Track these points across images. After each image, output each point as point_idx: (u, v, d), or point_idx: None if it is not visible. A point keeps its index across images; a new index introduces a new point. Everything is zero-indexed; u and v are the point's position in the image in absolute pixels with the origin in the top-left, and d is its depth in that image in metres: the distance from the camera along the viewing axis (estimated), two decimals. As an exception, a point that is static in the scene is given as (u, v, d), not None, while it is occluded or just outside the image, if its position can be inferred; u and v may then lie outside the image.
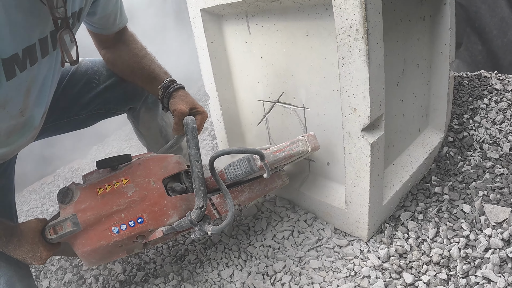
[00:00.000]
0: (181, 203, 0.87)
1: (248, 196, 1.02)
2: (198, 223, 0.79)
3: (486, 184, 1.14)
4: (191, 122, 0.83)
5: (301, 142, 0.96)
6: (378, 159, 0.96)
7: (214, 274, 1.09)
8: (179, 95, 0.97)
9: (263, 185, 1.05)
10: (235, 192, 1.00)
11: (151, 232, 0.84)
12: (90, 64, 1.08)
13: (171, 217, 0.85)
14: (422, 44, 1.22)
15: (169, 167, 0.90)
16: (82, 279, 1.24)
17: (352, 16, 0.81)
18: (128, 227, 0.81)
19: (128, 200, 0.82)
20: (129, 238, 0.82)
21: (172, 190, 0.90)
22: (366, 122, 0.89)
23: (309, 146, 0.96)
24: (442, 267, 0.96)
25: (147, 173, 0.86)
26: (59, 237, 0.80)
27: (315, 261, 1.03)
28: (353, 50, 0.84)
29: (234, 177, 0.91)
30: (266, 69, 1.16)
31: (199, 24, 1.21)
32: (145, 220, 0.82)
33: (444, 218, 1.08)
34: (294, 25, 1.02)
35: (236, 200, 0.99)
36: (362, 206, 1.00)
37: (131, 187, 0.83)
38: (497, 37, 1.76)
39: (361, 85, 0.86)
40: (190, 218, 0.78)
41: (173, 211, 0.85)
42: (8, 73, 0.64)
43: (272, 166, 0.94)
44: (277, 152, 0.93)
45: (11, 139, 0.80)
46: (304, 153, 0.96)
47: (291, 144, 0.95)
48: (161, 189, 0.86)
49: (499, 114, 1.34)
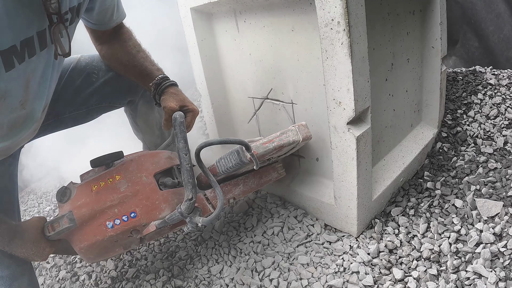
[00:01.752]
0: (172, 197, 0.89)
1: (243, 189, 1.02)
2: (189, 215, 0.80)
3: (479, 179, 1.12)
4: (179, 117, 0.84)
5: (291, 132, 0.95)
6: (365, 153, 0.96)
7: (204, 270, 1.09)
8: (170, 92, 0.98)
9: (258, 178, 1.05)
10: (229, 185, 1.01)
11: (145, 226, 0.85)
12: (89, 60, 1.11)
13: (163, 210, 0.86)
14: (413, 39, 1.21)
15: (160, 162, 0.92)
16: (76, 276, 1.26)
17: (334, 9, 0.81)
18: (122, 222, 0.83)
19: (121, 195, 0.84)
20: (124, 233, 0.84)
21: (164, 185, 0.91)
22: (351, 115, 0.89)
23: (300, 135, 0.95)
24: (433, 262, 0.94)
25: (139, 168, 0.88)
26: (56, 233, 0.83)
27: (304, 256, 1.02)
28: (335, 43, 0.84)
29: (226, 170, 0.91)
30: (255, 65, 1.16)
31: (189, 23, 1.22)
32: (138, 214, 0.84)
33: (435, 213, 1.06)
34: (280, 21, 1.02)
35: (230, 194, 1.00)
36: (351, 201, 1.00)
37: (124, 182, 0.85)
38: (494, 33, 1.75)
39: (344, 78, 0.86)
40: (180, 211, 0.79)
41: (165, 205, 0.87)
42: (7, 64, 0.65)
43: (263, 157, 0.93)
44: (267, 143, 0.92)
45: (13, 132, 0.82)
46: (295, 143, 0.95)
47: (281, 134, 0.94)
48: (152, 184, 0.87)
49: (493, 109, 1.33)
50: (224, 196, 0.99)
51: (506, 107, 1.33)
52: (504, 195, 1.04)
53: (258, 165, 0.87)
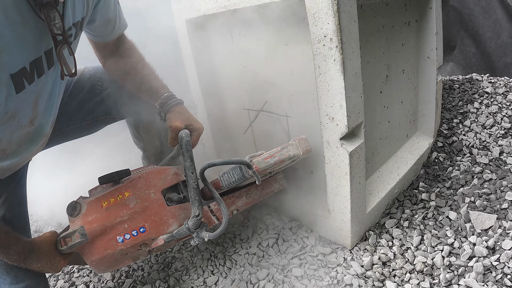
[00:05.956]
0: (179, 212, 0.92)
1: (246, 201, 1.06)
2: (195, 231, 0.83)
3: (473, 190, 1.12)
4: (185, 136, 0.88)
5: (291, 147, 0.97)
6: (359, 167, 0.96)
7: (199, 281, 1.10)
8: (176, 111, 0.99)
9: (260, 189, 1.08)
10: (232, 198, 1.04)
11: (153, 240, 0.89)
12: (92, 72, 1.11)
13: (171, 225, 0.90)
14: (408, 50, 1.21)
15: (167, 178, 0.96)
16: (74, 285, 1.27)
17: (326, 25, 0.81)
18: (132, 236, 0.87)
19: (131, 211, 0.88)
20: (133, 247, 0.88)
21: (170, 200, 0.95)
22: (344, 131, 0.89)
23: (300, 149, 0.97)
24: (426, 275, 0.95)
25: (147, 185, 0.92)
26: (69, 247, 0.86)
27: (298, 269, 1.03)
28: (328, 60, 0.84)
29: (229, 184, 0.95)
30: (250, 78, 1.17)
31: (185, 35, 1.23)
32: (147, 229, 0.88)
33: (429, 226, 1.07)
34: (274, 35, 1.02)
35: (233, 206, 1.03)
36: (344, 215, 1.00)
37: (133, 199, 0.89)
38: (491, 39, 1.74)
39: (337, 94, 0.86)
40: (188, 226, 0.83)
41: (172, 220, 0.90)
42: (18, 86, 0.67)
43: (265, 171, 0.97)
44: (268, 158, 0.95)
45: (22, 147, 0.83)
46: (296, 157, 0.98)
47: (282, 149, 0.97)
48: (160, 200, 0.91)
49: (489, 118, 1.33)
50: (228, 209, 1.02)
51: (502, 116, 1.33)
52: (498, 208, 1.04)
53: (260, 180, 0.92)
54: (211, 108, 1.34)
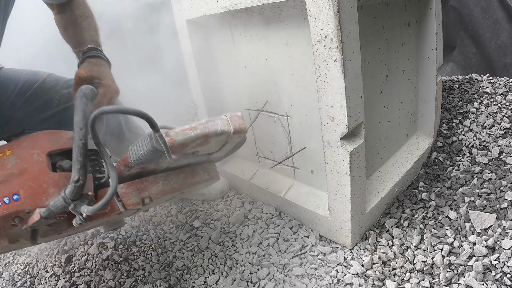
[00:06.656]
0: (65, 181, 0.72)
1: (162, 189, 0.84)
2: (73, 202, 0.65)
3: (473, 190, 1.13)
4: (84, 89, 0.74)
5: (220, 121, 0.76)
6: (359, 167, 0.97)
7: (200, 280, 1.10)
8: (91, 61, 0.90)
9: (182, 177, 0.87)
10: (145, 182, 0.82)
11: (29, 214, 0.70)
12: (54, 83, 1.10)
13: (51, 196, 0.70)
14: (408, 50, 1.22)
15: (59, 141, 0.78)
16: (75, 285, 1.27)
17: (327, 26, 0.82)
18: (3, 204, 0.68)
19: (6, 173, 0.71)
20: (5, 219, 0.69)
21: (62, 168, 0.77)
22: (344, 131, 0.90)
23: (232, 126, 0.77)
24: (425, 274, 0.95)
25: (33, 145, 0.75)
26: None
27: (298, 268, 1.03)
28: (328, 60, 0.85)
29: (137, 159, 0.72)
30: (250, 78, 1.17)
31: (186, 35, 1.23)
32: (21, 197, 0.69)
33: (429, 225, 1.07)
34: (275, 35, 1.03)
35: (146, 192, 0.81)
36: (345, 214, 1.01)
37: (13, 158, 0.72)
38: (491, 40, 1.75)
39: (337, 94, 0.87)
40: (64, 195, 0.65)
41: (54, 189, 0.71)
42: None
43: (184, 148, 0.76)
44: (188, 130, 0.73)
45: None
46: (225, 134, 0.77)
47: (207, 122, 0.75)
48: (43, 163, 0.73)
49: (489, 118, 1.33)
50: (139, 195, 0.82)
51: (501, 116, 1.34)
52: (497, 207, 1.05)
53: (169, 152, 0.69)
54: (211, 108, 1.34)
